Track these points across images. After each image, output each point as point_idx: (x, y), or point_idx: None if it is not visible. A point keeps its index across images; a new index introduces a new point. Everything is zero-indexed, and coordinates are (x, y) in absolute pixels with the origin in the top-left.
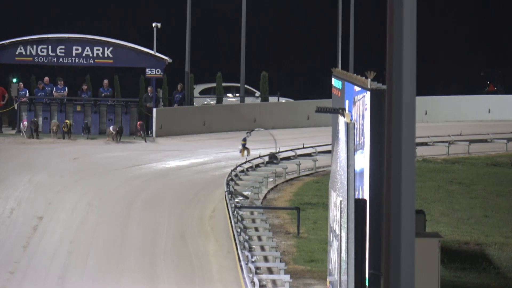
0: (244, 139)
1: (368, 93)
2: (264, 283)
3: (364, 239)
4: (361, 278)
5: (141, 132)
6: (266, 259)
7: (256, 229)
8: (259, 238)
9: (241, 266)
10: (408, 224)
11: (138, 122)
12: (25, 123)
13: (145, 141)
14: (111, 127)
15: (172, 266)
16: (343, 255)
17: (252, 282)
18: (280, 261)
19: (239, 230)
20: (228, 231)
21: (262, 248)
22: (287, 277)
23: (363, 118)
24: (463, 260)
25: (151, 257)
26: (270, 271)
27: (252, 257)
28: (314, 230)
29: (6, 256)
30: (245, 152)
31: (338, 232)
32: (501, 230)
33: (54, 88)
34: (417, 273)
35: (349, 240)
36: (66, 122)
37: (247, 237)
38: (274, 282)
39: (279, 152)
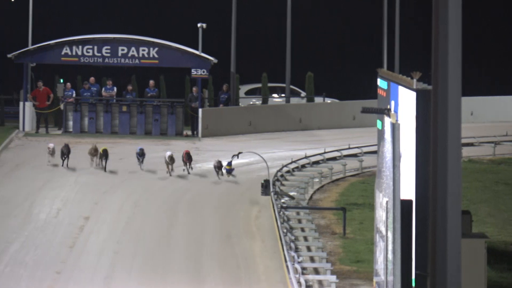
0: (230, 163)
1: (414, 93)
2: (310, 283)
3: (410, 239)
4: (408, 278)
5: (187, 164)
6: (312, 259)
7: (302, 230)
8: (305, 239)
9: (287, 266)
10: (454, 225)
11: (185, 152)
12: (51, 145)
13: (188, 173)
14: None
15: (217, 266)
16: (390, 255)
17: (299, 283)
18: (326, 262)
19: (285, 230)
20: (274, 231)
21: (308, 249)
22: (333, 278)
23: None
24: (510, 261)
25: (197, 257)
26: (316, 271)
27: (298, 257)
28: (360, 230)
29: (52, 256)
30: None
31: (384, 232)
32: None
33: (103, 88)
34: (463, 274)
35: (395, 241)
36: (104, 150)
37: (293, 238)
38: (320, 282)
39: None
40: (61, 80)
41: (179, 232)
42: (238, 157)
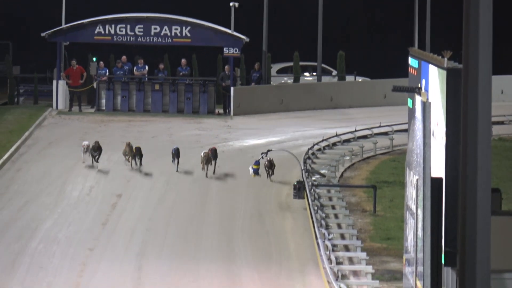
0: (257, 163)
1: (445, 72)
2: (340, 260)
3: (440, 217)
4: (437, 255)
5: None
6: (342, 236)
7: (333, 207)
8: (336, 216)
9: (318, 243)
10: (484, 203)
11: (210, 149)
12: (85, 143)
13: (208, 175)
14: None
15: (249, 243)
16: (420, 233)
17: (329, 260)
18: (357, 239)
19: (316, 208)
20: (305, 209)
21: (339, 226)
22: (363, 255)
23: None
24: None
25: (228, 234)
26: (346, 248)
27: (329, 234)
28: (391, 208)
29: (85, 233)
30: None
31: (414, 210)
32: None
33: (135, 67)
34: (493, 251)
35: (425, 218)
36: (137, 149)
37: (324, 215)
38: (350, 259)
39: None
40: (94, 59)
41: (211, 209)
42: (266, 155)
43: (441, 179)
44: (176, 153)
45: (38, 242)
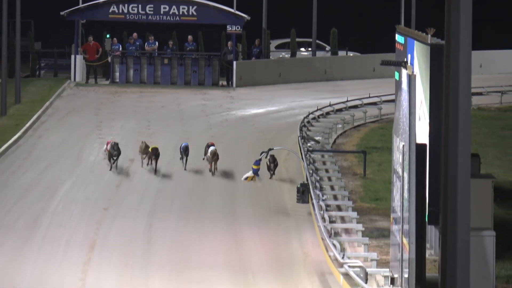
0: (257, 162)
1: (428, 47)
2: (333, 219)
3: (424, 179)
4: (422, 215)
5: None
6: (335, 197)
7: (327, 171)
8: (329, 179)
9: (312, 204)
10: (464, 166)
11: (210, 146)
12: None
13: (212, 174)
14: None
15: (250, 203)
16: (405, 194)
17: (323, 218)
18: (348, 200)
19: (311, 171)
20: (301, 172)
21: (332, 188)
22: (354, 214)
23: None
24: None
25: (231, 195)
26: (339, 208)
27: (322, 195)
28: (379, 171)
29: (100, 195)
30: (252, 179)
31: (400, 173)
32: None
33: (146, 43)
34: (472, 211)
35: (410, 181)
36: (154, 149)
37: (318, 178)
38: (342, 218)
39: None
40: (108, 36)
41: (216, 171)
42: (267, 156)
43: (425, 145)
44: (184, 151)
45: (58, 202)
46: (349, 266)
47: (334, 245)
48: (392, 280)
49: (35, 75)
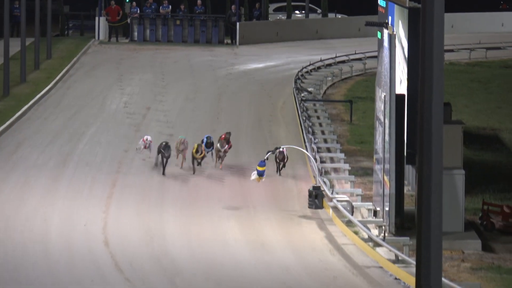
0: (262, 163)
1: (407, 10)
2: (324, 159)
3: (403, 125)
4: (400, 156)
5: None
6: (325, 141)
7: (318, 118)
8: (320, 125)
9: (306, 146)
10: (437, 114)
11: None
12: (148, 138)
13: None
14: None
15: (251, 145)
16: (387, 138)
17: (315, 159)
18: (336, 143)
19: (304, 118)
20: (295, 119)
21: (322, 132)
22: (342, 155)
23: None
24: (481, 142)
25: (236, 137)
26: (328, 150)
27: (314, 139)
28: (364, 118)
29: (121, 137)
30: (261, 179)
31: (382, 120)
32: (511, 118)
33: (160, 7)
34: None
35: (391, 126)
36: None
37: (310, 124)
38: (332, 159)
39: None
40: (128, 0)
41: (222, 118)
42: (274, 153)
43: (403, 95)
44: (163, 150)
45: (84, 145)
46: (337, 201)
47: (325, 182)
48: (375, 213)
49: (64, 34)
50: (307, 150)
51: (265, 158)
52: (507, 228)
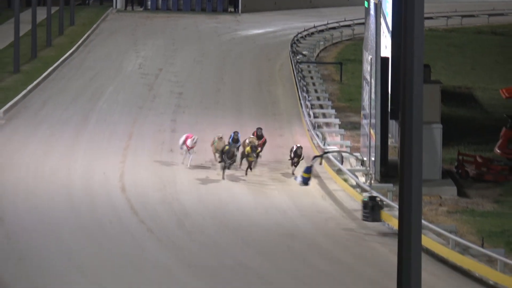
0: (308, 170)
1: None
2: (317, 115)
3: (387, 84)
4: (385, 111)
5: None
6: (318, 98)
7: (311, 78)
8: (313, 84)
9: (301, 103)
10: (418, 74)
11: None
12: (195, 138)
13: (249, 170)
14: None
15: (252, 103)
16: (373, 95)
17: (309, 114)
18: (328, 100)
19: (299, 78)
20: (292, 79)
21: (315, 91)
22: (333, 111)
23: None
24: (457, 100)
25: (238, 97)
26: (321, 106)
27: (308, 97)
28: (352, 78)
29: (136, 96)
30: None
31: (369, 79)
32: (484, 79)
33: None
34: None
35: (376, 85)
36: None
37: (305, 83)
38: (324, 114)
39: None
40: None
41: (227, 79)
42: (321, 163)
43: (388, 58)
44: (227, 155)
45: (103, 102)
46: (328, 152)
47: (317, 135)
48: (362, 162)
49: (86, 3)
50: (301, 107)
51: (311, 164)
52: (479, 176)
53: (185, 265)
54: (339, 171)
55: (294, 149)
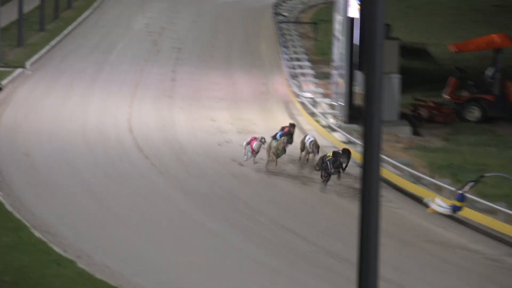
0: (462, 198)
1: None
2: (294, 66)
3: (353, 41)
4: (351, 64)
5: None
6: (295, 52)
7: (290, 35)
8: (292, 41)
9: (281, 57)
10: (379, 31)
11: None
12: (263, 139)
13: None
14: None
15: (240, 57)
16: (342, 50)
17: (287, 66)
18: (305, 54)
19: (280, 35)
20: (274, 37)
21: (293, 46)
22: (308, 64)
23: None
24: (413, 54)
25: (228, 51)
26: (298, 60)
27: (287, 51)
28: (325, 36)
29: (143, 51)
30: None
31: (339, 37)
32: (437, 35)
33: None
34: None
35: (346, 42)
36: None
37: (284, 40)
38: (300, 66)
39: None
40: None
41: (219, 38)
42: (479, 181)
43: (354, 18)
44: (329, 165)
45: (114, 56)
46: (304, 97)
47: (295, 83)
48: (332, 106)
49: None
50: (282, 59)
51: (465, 190)
52: (431, 118)
53: (182, 193)
54: (312, 114)
55: (310, 140)
